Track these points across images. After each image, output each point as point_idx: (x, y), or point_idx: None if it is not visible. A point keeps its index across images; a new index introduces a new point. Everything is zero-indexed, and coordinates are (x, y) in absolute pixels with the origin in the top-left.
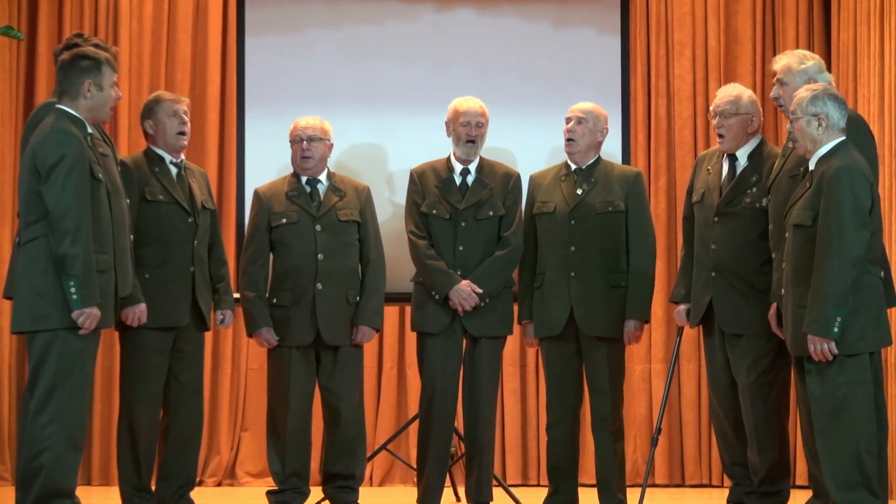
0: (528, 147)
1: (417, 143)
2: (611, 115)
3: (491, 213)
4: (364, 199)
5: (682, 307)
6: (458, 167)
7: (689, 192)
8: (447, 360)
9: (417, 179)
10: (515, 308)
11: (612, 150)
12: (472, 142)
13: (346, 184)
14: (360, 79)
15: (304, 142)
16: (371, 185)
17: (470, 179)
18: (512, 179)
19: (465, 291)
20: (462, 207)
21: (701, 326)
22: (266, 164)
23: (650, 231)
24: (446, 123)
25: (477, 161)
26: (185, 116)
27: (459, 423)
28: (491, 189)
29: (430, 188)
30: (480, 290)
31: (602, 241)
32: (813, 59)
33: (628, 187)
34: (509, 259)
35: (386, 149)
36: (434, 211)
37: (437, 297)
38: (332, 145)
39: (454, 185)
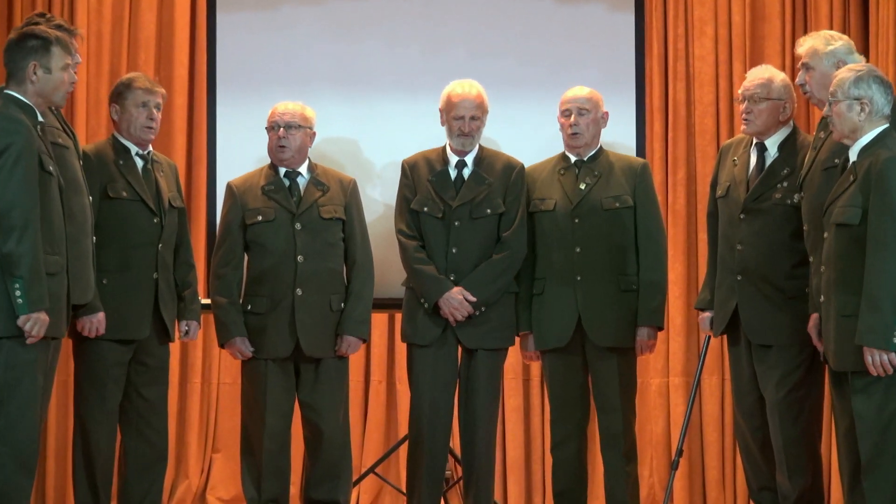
0: (529, 138)
1: (408, 132)
2: (624, 102)
3: (488, 210)
4: (350, 193)
5: (707, 314)
6: (453, 159)
7: (713, 185)
8: (439, 373)
9: (409, 172)
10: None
11: (624, 139)
12: (467, 135)
13: (330, 177)
14: (344, 61)
15: (282, 129)
16: (357, 180)
17: (466, 173)
18: (514, 172)
19: (456, 299)
20: (456, 205)
21: (725, 336)
22: (240, 154)
23: (661, 229)
24: (440, 111)
25: (475, 151)
26: (155, 111)
27: (457, 444)
28: (489, 184)
29: (422, 182)
30: (474, 299)
31: (610, 241)
32: (841, 40)
33: (636, 180)
34: (508, 263)
35: (373, 139)
36: (425, 208)
37: (426, 305)
38: (313, 134)
39: (448, 179)
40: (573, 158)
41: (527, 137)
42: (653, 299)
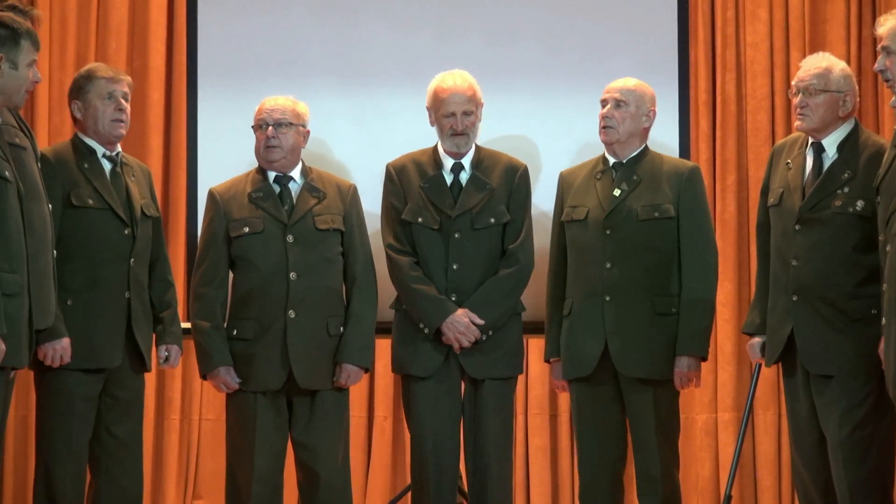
0: (556, 137)
1: (417, 130)
2: (665, 96)
3: (492, 220)
4: (349, 201)
5: (757, 340)
6: (447, 162)
7: (764, 192)
8: (442, 410)
9: (396, 177)
10: (529, 341)
11: (666, 139)
12: (462, 134)
13: (327, 182)
14: (344, 49)
15: (271, 127)
16: (358, 185)
17: (464, 177)
18: (517, 174)
19: (463, 323)
20: (455, 214)
21: (780, 365)
22: (224, 156)
23: (709, 243)
24: (427, 110)
25: (472, 152)
26: (123, 101)
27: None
28: (491, 189)
29: (413, 189)
30: (481, 321)
31: (646, 256)
32: None
33: (681, 186)
34: (517, 279)
35: (377, 138)
36: (419, 219)
37: (426, 330)
38: (307, 133)
39: (444, 185)
40: (611, 160)
41: (554, 137)
42: (695, 323)
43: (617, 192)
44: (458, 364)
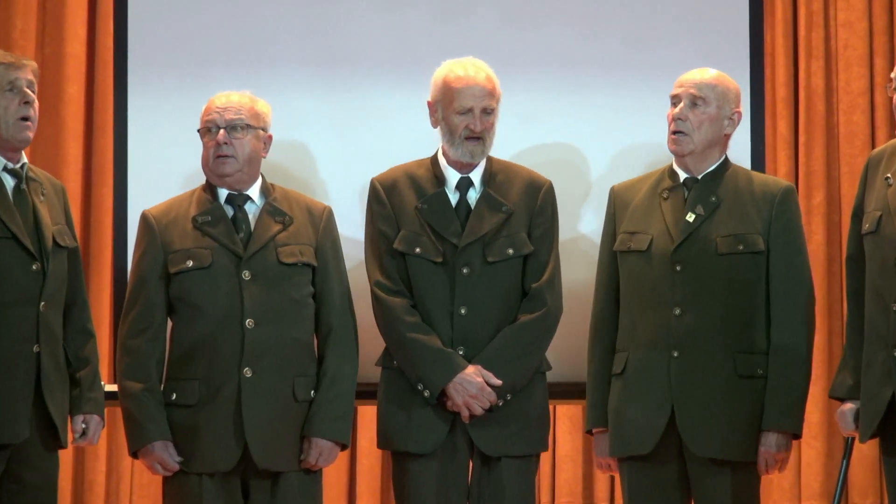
0: (590, 146)
1: (412, 135)
2: None
3: (510, 250)
4: (323, 227)
5: (850, 407)
6: (452, 176)
7: (857, 215)
8: (445, 497)
9: (386, 196)
10: (556, 408)
11: (733, 146)
12: (478, 138)
13: (294, 203)
14: (317, 32)
15: (222, 131)
16: (336, 206)
17: (473, 196)
18: (541, 192)
19: (475, 384)
20: (463, 243)
21: (879, 439)
22: (161, 169)
23: (806, 285)
24: (430, 105)
25: (483, 164)
26: (29, 92)
27: None
28: (509, 211)
29: (407, 211)
30: (499, 382)
31: (726, 301)
32: None
33: (772, 212)
34: (543, 328)
35: (360, 146)
36: (417, 249)
37: (426, 393)
38: (269, 139)
39: (447, 205)
40: (682, 175)
41: (586, 143)
42: (788, 390)
43: (691, 217)
44: (466, 437)
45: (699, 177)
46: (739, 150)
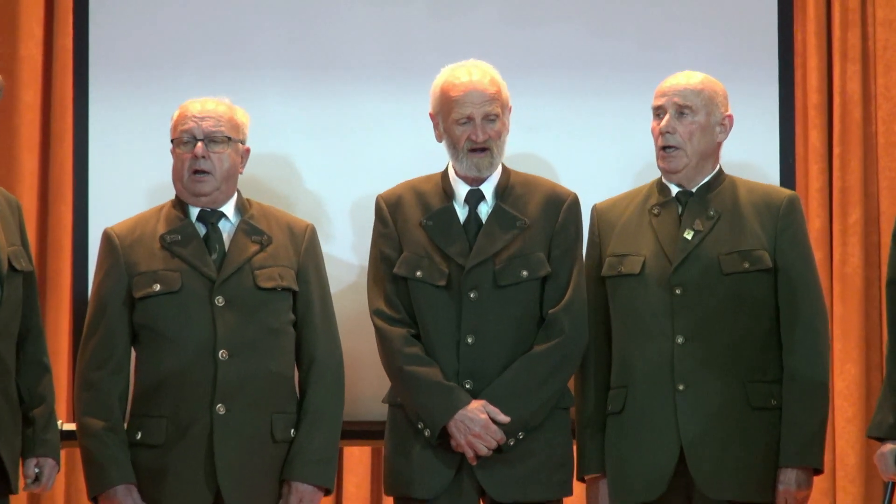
0: (604, 156)
1: (406, 146)
2: (760, 97)
3: (524, 272)
4: (305, 248)
5: (890, 447)
6: (461, 190)
7: None
8: None
9: (389, 214)
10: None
11: (760, 159)
12: (483, 149)
13: (273, 221)
14: (301, 33)
15: (200, 143)
16: (321, 225)
17: (485, 211)
18: (564, 207)
19: (479, 421)
20: (470, 264)
21: None
22: (125, 184)
23: (819, 304)
24: (432, 118)
25: (497, 175)
26: None
27: None
28: (524, 227)
29: (411, 230)
30: (506, 419)
31: (734, 326)
32: None
33: (777, 225)
34: (561, 358)
35: (350, 159)
36: (419, 273)
37: (427, 432)
38: (247, 151)
39: (455, 222)
40: (674, 189)
41: (600, 153)
42: (806, 421)
43: (689, 235)
44: (474, 481)
45: (693, 190)
46: (767, 165)
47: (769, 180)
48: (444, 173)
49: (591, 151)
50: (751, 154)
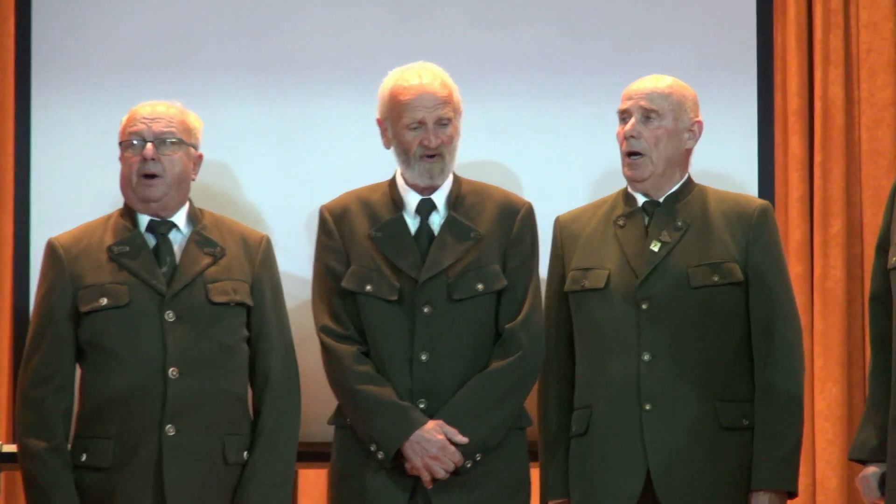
0: (573, 165)
1: (364, 153)
2: (738, 101)
3: (479, 286)
4: (261, 260)
5: (873, 470)
6: (411, 198)
7: (882, 247)
8: None
9: (334, 226)
10: (536, 472)
11: (736, 168)
12: (436, 155)
13: (227, 232)
14: (254, 32)
15: (150, 146)
16: (276, 237)
17: (437, 221)
18: (518, 217)
19: (436, 442)
20: (424, 278)
21: None
22: (70, 192)
23: (793, 319)
24: (379, 123)
25: (448, 184)
26: None
27: None
28: (478, 238)
29: (358, 242)
30: (464, 439)
31: (703, 342)
32: None
33: (748, 235)
34: (519, 375)
35: (306, 165)
36: (368, 287)
37: (380, 455)
38: (200, 158)
39: (406, 234)
40: (640, 199)
41: (569, 161)
42: (779, 442)
43: (655, 247)
44: None
45: (660, 199)
46: (745, 172)
47: (747, 189)
48: (392, 182)
49: (560, 159)
50: (727, 161)
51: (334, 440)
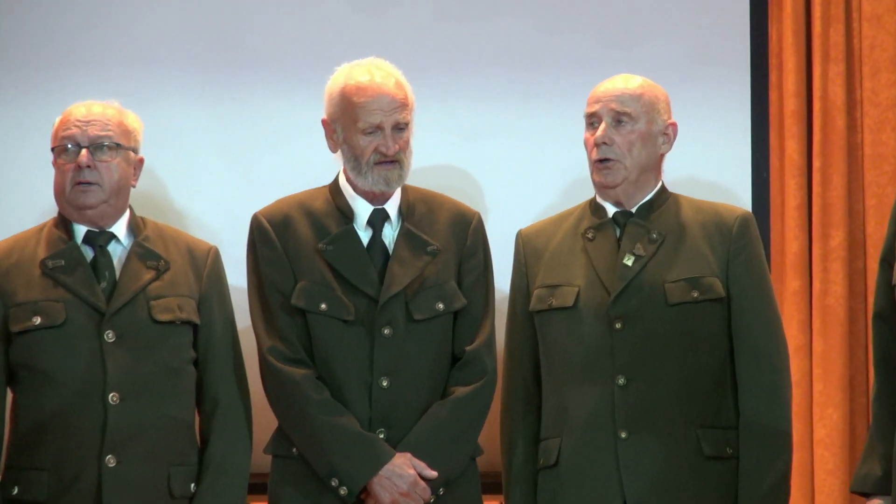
0: (545, 171)
1: (319, 156)
2: (729, 102)
3: (440, 305)
4: (208, 273)
5: (877, 503)
6: (361, 208)
7: (886, 261)
8: None
9: (275, 236)
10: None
11: (727, 176)
12: (393, 161)
13: (171, 243)
14: (202, 26)
15: (85, 151)
16: (226, 248)
17: (391, 233)
18: (470, 229)
19: (408, 477)
20: (385, 298)
21: None
22: (3, 200)
23: (779, 338)
24: (325, 124)
25: (399, 193)
26: None
27: None
28: (434, 252)
29: (304, 255)
30: (434, 474)
31: (683, 363)
32: None
33: (730, 248)
34: (484, 402)
35: (257, 169)
36: (322, 306)
37: (342, 491)
38: (141, 162)
39: (358, 246)
40: (610, 209)
41: (541, 166)
42: (765, 475)
43: (629, 261)
44: None
45: (633, 209)
46: (738, 179)
47: (740, 197)
48: (335, 189)
49: (537, 161)
50: (718, 167)
51: (273, 471)
